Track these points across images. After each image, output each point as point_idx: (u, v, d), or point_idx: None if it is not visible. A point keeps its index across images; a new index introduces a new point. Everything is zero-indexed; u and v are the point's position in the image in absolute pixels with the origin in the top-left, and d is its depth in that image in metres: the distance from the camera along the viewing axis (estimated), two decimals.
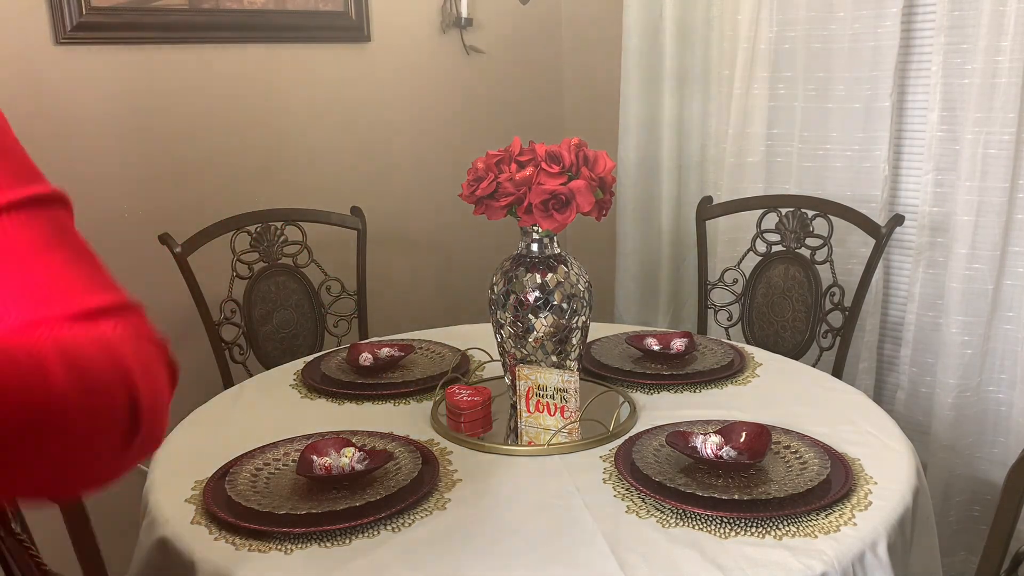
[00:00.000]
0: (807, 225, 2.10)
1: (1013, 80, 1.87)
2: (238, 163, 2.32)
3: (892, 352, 2.33)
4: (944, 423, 2.09)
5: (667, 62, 2.50)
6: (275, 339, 2.13)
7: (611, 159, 1.44)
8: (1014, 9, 1.85)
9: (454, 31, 2.67)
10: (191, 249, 2.01)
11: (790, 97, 2.32)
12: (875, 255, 1.98)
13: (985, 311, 2.01)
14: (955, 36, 2.00)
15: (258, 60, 2.32)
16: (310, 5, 2.37)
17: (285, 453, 1.36)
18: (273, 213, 2.17)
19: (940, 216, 2.10)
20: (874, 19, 2.11)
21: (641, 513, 1.18)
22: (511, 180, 1.38)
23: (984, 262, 1.99)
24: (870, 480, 1.25)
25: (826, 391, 1.62)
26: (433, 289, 2.83)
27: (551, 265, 1.46)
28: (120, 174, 2.14)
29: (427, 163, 2.70)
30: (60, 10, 1.97)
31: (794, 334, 2.10)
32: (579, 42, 2.93)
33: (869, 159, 2.19)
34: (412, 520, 1.18)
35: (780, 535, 1.11)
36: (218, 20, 2.22)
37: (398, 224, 2.68)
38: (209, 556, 1.11)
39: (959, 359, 2.05)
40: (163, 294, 2.22)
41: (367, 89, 2.54)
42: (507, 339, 1.50)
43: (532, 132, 2.81)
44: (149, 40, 2.13)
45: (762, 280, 2.17)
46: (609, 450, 1.38)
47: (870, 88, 2.15)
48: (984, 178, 1.95)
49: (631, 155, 2.60)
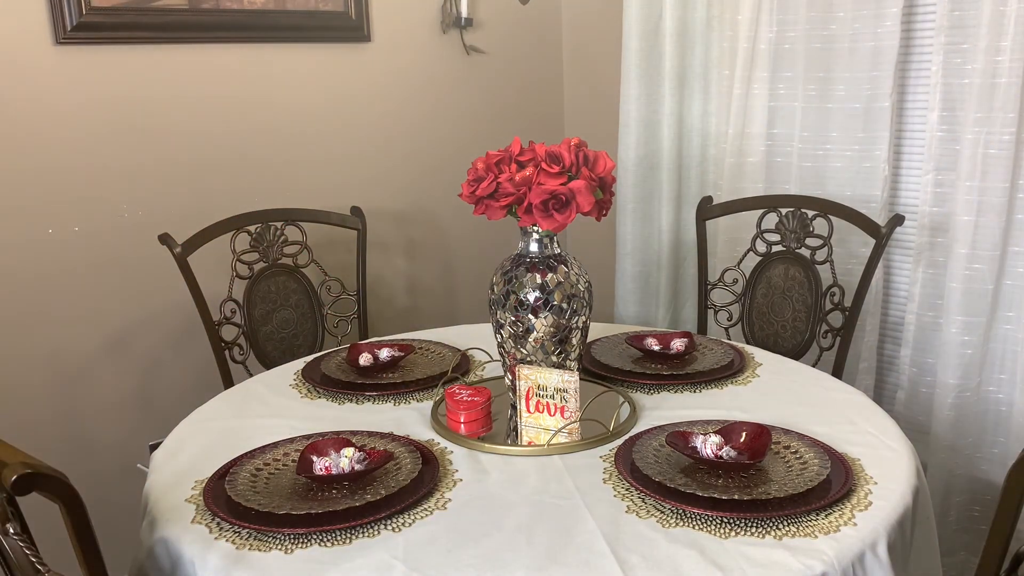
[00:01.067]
0: (807, 225, 2.10)
1: (1013, 80, 1.87)
2: (238, 163, 2.32)
3: (892, 352, 2.33)
4: (944, 423, 2.09)
5: (667, 62, 2.50)
6: (275, 339, 2.13)
7: (611, 159, 1.44)
8: (1014, 9, 1.85)
9: (454, 31, 2.67)
10: (191, 249, 2.01)
11: (790, 97, 2.32)
12: (875, 255, 1.98)
13: (985, 311, 2.01)
14: (955, 36, 2.00)
15: (258, 60, 2.32)
16: (310, 5, 2.37)
17: (285, 453, 1.36)
18: (273, 213, 2.17)
19: (940, 216, 2.10)
20: (874, 19, 2.11)
21: (641, 513, 1.18)
22: (511, 180, 1.38)
23: (984, 262, 1.99)
24: (870, 480, 1.25)
25: (826, 391, 1.62)
26: (433, 289, 2.83)
27: (551, 265, 1.46)
28: (120, 174, 2.14)
29: (427, 163, 2.70)
30: (60, 10, 1.97)
31: (794, 334, 2.10)
32: (579, 42, 2.93)
33: (869, 159, 2.19)
34: (412, 520, 1.18)
35: (780, 535, 1.11)
36: (218, 20, 2.22)
37: (398, 224, 2.68)
38: (209, 556, 1.11)
39: (959, 359, 2.05)
40: (163, 294, 2.22)
41: (367, 89, 2.54)
42: (507, 339, 1.50)
43: (532, 132, 2.82)
44: (149, 40, 2.13)
45: (762, 280, 2.17)
46: (609, 450, 1.38)
47: (870, 88, 2.15)
48: (984, 178, 1.95)
49: (631, 155, 2.60)
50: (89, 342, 2.16)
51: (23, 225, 2.03)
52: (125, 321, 2.20)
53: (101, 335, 2.18)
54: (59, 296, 2.09)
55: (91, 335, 2.16)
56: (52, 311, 2.09)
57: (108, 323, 2.18)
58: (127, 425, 2.24)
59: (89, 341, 2.16)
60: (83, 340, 2.15)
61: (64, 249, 2.09)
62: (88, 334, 2.15)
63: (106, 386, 2.20)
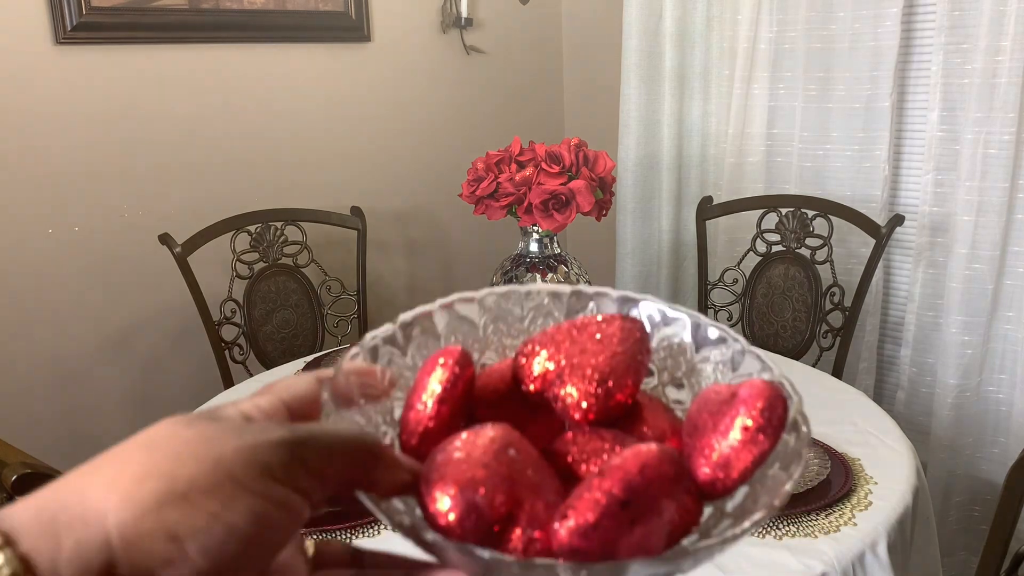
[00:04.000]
0: (807, 225, 2.10)
1: (1013, 80, 1.87)
2: (238, 163, 2.32)
3: (892, 352, 2.33)
4: (944, 423, 2.09)
5: (667, 62, 2.50)
6: (275, 339, 2.13)
7: (611, 159, 1.44)
8: (1014, 9, 1.85)
9: (454, 31, 2.67)
10: (191, 249, 2.01)
11: (790, 97, 2.32)
12: (875, 255, 1.98)
13: (985, 311, 2.01)
14: (955, 36, 2.00)
15: (258, 60, 2.32)
16: (310, 5, 2.37)
17: None
18: (273, 213, 2.17)
19: (940, 216, 2.10)
20: (874, 19, 2.11)
21: None
22: (511, 180, 1.38)
23: (984, 262, 1.99)
24: (870, 480, 1.25)
25: (826, 391, 1.62)
26: (433, 289, 2.82)
27: (551, 265, 1.46)
28: (120, 174, 2.14)
29: (427, 163, 2.70)
30: (60, 10, 1.97)
31: (794, 334, 2.10)
32: (579, 42, 2.93)
33: (869, 159, 2.19)
34: None
35: (780, 535, 1.11)
36: (218, 20, 2.22)
37: (398, 224, 2.68)
38: None
39: (959, 359, 2.05)
40: (163, 294, 2.22)
41: (367, 89, 2.54)
42: None
43: (532, 132, 2.82)
44: (149, 40, 2.13)
45: (762, 280, 2.17)
46: None
47: (870, 88, 2.15)
48: (984, 178, 1.95)
49: (631, 155, 2.60)
50: (89, 342, 2.16)
51: (23, 225, 2.03)
52: (125, 321, 2.20)
53: (101, 335, 2.18)
54: (59, 296, 2.09)
55: (91, 335, 2.16)
56: (52, 311, 2.09)
57: (108, 323, 2.18)
58: (127, 425, 2.24)
59: (89, 341, 2.16)
60: (83, 340, 2.15)
61: (64, 249, 2.09)
62: (88, 334, 2.15)
63: (106, 386, 2.20)
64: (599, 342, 0.38)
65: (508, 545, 0.32)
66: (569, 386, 0.37)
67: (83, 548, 0.26)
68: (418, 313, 0.41)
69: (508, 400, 0.38)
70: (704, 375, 0.40)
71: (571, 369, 0.37)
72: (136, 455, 0.29)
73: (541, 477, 0.34)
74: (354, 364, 0.37)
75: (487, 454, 0.33)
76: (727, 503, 0.34)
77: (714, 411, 0.35)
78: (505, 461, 0.33)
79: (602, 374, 0.37)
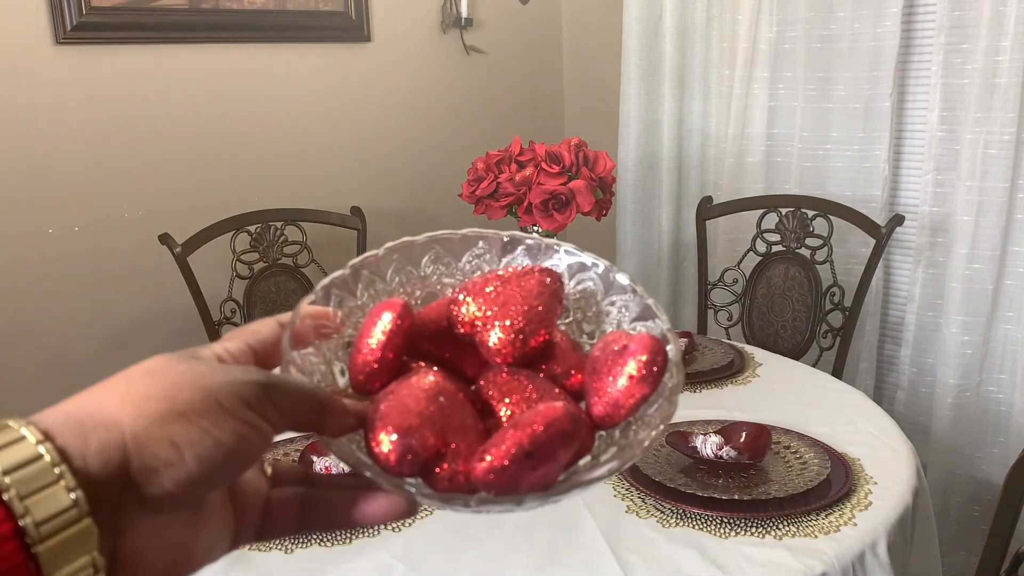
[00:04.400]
0: (807, 225, 2.10)
1: (1013, 80, 1.87)
2: (238, 163, 2.32)
3: (892, 352, 2.33)
4: (944, 423, 2.09)
5: (667, 62, 2.50)
6: None
7: (611, 159, 1.44)
8: (1014, 9, 1.85)
9: (454, 31, 2.67)
10: (191, 249, 2.01)
11: (790, 97, 2.32)
12: (875, 255, 1.98)
13: (985, 311, 2.01)
14: (955, 36, 2.00)
15: (258, 60, 2.32)
16: (310, 5, 2.37)
17: (285, 453, 1.36)
18: (273, 213, 2.17)
19: (940, 216, 2.10)
20: (874, 19, 2.11)
21: (641, 513, 1.18)
22: (511, 180, 1.38)
23: (984, 262, 1.99)
24: (870, 480, 1.25)
25: (826, 391, 1.62)
26: None
27: None
28: (120, 174, 2.14)
29: (427, 163, 2.70)
30: (60, 10, 1.97)
31: (794, 334, 2.10)
32: (579, 42, 2.93)
33: (869, 159, 2.19)
34: (412, 520, 1.18)
35: (780, 535, 1.12)
36: (218, 20, 2.22)
37: (398, 224, 2.68)
38: None
39: (959, 359, 2.05)
40: (163, 294, 2.22)
41: (367, 89, 2.54)
42: None
43: (532, 132, 2.82)
44: (149, 40, 2.13)
45: (762, 280, 2.17)
46: None
47: (870, 88, 2.15)
48: (984, 178, 1.95)
49: (631, 155, 2.60)
50: (89, 342, 2.16)
51: (23, 224, 2.03)
52: (125, 321, 2.20)
53: (101, 335, 2.18)
54: (59, 296, 2.09)
55: (91, 335, 2.16)
56: (52, 311, 2.09)
57: (108, 323, 2.18)
58: None
59: (89, 341, 2.16)
60: (83, 340, 2.15)
61: (64, 248, 2.09)
62: (88, 334, 2.15)
63: None
64: (519, 293, 0.44)
65: (436, 476, 0.39)
66: (491, 333, 0.44)
67: (105, 447, 0.33)
68: (366, 257, 0.47)
69: (443, 336, 0.45)
70: (611, 316, 0.48)
71: (494, 318, 0.44)
72: (142, 380, 0.37)
73: (465, 420, 0.41)
74: (310, 308, 0.43)
75: (420, 402, 0.39)
76: (615, 432, 0.43)
77: (609, 358, 0.42)
78: (436, 407, 0.40)
79: (519, 323, 0.44)
